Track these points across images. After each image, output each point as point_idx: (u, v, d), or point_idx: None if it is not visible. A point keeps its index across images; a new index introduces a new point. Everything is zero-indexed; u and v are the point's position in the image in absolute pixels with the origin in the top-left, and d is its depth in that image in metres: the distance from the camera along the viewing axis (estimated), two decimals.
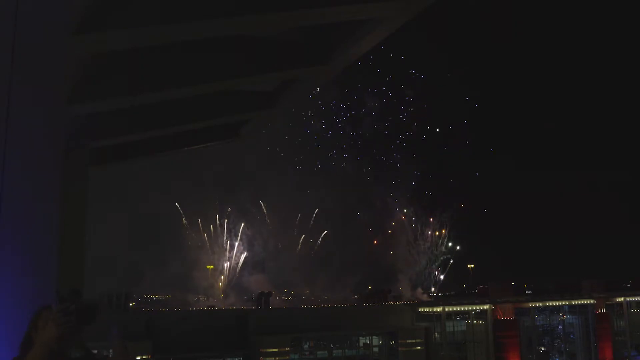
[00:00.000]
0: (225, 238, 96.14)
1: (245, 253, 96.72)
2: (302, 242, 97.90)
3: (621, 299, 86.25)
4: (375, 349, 74.37)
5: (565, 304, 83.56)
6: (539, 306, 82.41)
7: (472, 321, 78.47)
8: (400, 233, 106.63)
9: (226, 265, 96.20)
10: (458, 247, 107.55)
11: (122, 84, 21.45)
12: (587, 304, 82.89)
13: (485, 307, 78.34)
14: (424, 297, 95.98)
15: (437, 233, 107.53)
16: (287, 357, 67.55)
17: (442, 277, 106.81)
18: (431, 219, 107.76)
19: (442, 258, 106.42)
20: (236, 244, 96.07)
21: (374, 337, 74.62)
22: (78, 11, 14.29)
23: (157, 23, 16.99)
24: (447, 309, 77.76)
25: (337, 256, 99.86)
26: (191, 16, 17.31)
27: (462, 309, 79.53)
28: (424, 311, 78.44)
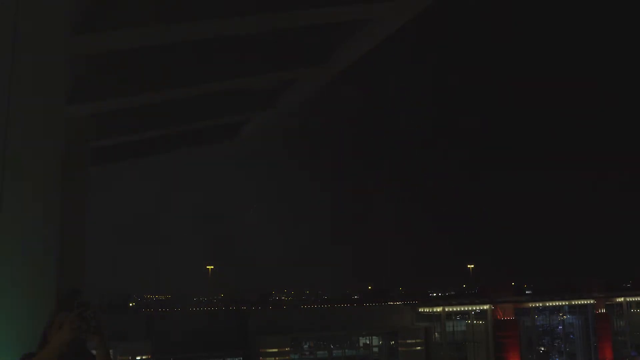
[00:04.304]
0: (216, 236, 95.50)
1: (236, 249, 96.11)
2: (288, 236, 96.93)
3: (621, 299, 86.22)
4: (375, 349, 74.30)
5: (565, 304, 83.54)
6: (539, 306, 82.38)
7: (472, 321, 78.46)
8: (390, 227, 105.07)
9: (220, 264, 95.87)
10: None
11: (122, 84, 21.46)
12: (587, 304, 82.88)
13: (485, 307, 78.31)
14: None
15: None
16: (287, 357, 67.51)
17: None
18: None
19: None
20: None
21: (374, 337, 74.57)
22: (78, 11, 14.30)
23: (156, 23, 16.99)
24: (447, 309, 77.72)
25: (327, 250, 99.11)
26: (191, 16, 17.32)
27: (462, 309, 79.48)
28: (424, 311, 78.45)
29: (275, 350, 66.91)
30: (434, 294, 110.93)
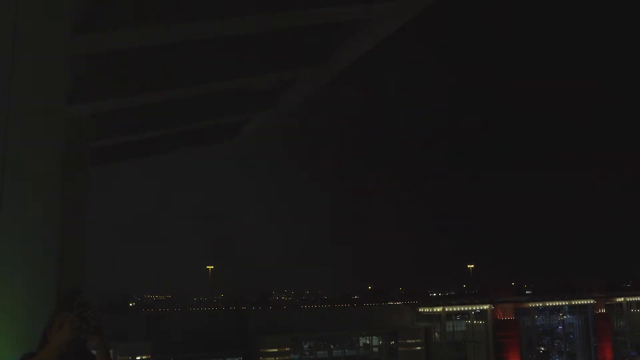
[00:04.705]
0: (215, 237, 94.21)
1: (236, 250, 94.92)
2: (288, 236, 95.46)
3: (621, 299, 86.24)
4: (375, 349, 74.32)
5: (565, 304, 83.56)
6: (539, 306, 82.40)
7: (472, 321, 78.48)
8: (390, 227, 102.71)
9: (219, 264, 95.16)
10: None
11: (122, 84, 21.47)
12: (587, 304, 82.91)
13: (485, 307, 78.34)
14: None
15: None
16: (287, 357, 67.52)
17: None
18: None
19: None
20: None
21: (374, 337, 74.59)
22: (78, 11, 14.30)
23: (156, 23, 16.99)
24: (447, 309, 77.75)
25: (327, 250, 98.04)
26: (191, 16, 17.33)
27: (462, 309, 79.50)
28: (424, 311, 78.47)
29: (275, 350, 66.92)
30: (434, 294, 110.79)
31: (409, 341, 73.45)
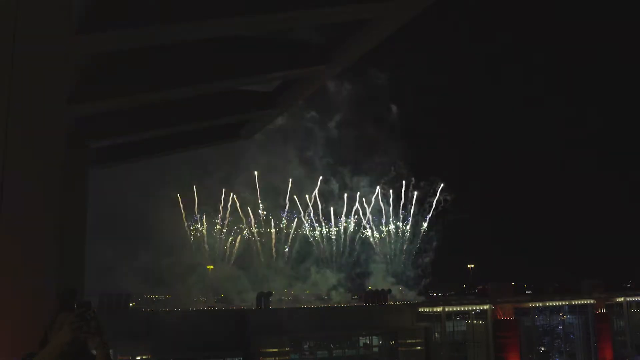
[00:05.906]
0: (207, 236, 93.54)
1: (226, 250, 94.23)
2: (275, 234, 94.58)
3: (621, 299, 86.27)
4: (375, 349, 74.35)
5: (565, 304, 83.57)
6: (539, 306, 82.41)
7: (472, 321, 78.49)
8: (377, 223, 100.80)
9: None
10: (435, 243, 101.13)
11: (122, 84, 21.48)
12: (587, 304, 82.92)
13: (485, 307, 78.34)
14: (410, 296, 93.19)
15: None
16: (287, 357, 67.47)
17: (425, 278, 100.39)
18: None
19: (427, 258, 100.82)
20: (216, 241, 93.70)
21: (374, 337, 74.60)
22: (78, 12, 14.31)
23: (156, 23, 17.00)
24: (447, 309, 77.76)
25: (314, 248, 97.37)
26: (191, 16, 17.33)
27: (462, 309, 79.53)
28: (424, 311, 78.44)
29: (275, 350, 66.89)
30: (434, 294, 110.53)
31: (409, 341, 73.45)
